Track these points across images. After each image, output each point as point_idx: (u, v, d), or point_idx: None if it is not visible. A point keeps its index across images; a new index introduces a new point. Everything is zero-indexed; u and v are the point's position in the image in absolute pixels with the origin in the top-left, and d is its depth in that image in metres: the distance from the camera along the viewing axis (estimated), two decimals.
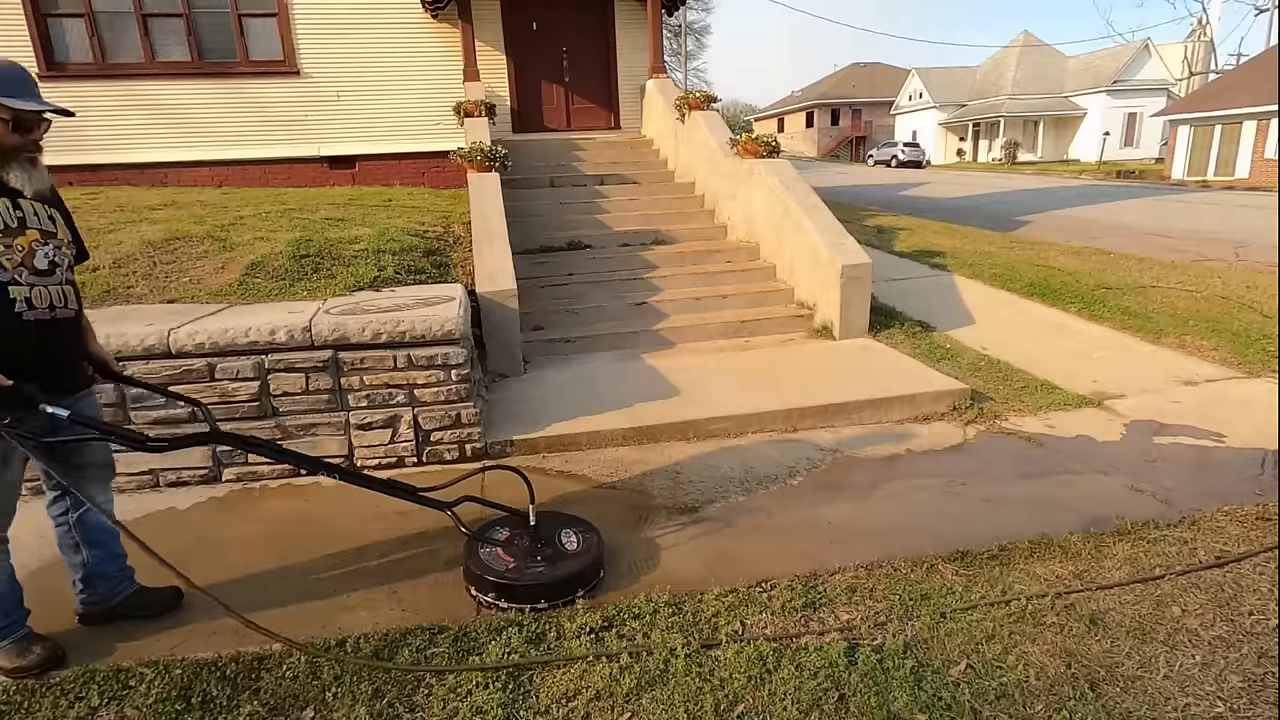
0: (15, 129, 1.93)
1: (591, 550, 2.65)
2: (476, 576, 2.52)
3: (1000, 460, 3.65)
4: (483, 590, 2.50)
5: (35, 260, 2.01)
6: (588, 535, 2.74)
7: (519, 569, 2.51)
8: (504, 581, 2.47)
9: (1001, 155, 36.93)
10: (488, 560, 2.56)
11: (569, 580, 2.51)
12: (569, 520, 2.84)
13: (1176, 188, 22.08)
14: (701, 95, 7.92)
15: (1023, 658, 2.15)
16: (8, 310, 1.95)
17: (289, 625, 2.43)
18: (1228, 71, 30.45)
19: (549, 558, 2.58)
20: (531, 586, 2.46)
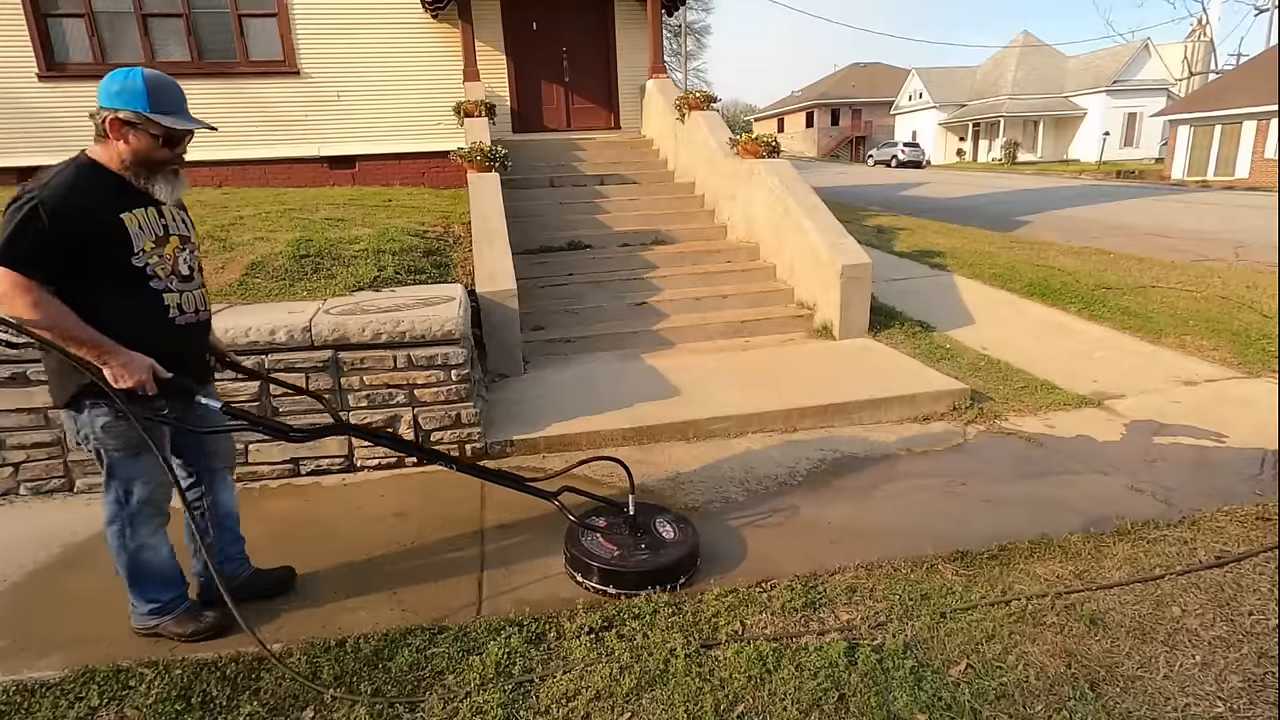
0: (164, 144, 2.00)
1: (689, 539, 2.71)
2: (583, 563, 2.58)
3: (1000, 460, 3.65)
4: (588, 576, 2.57)
5: (179, 267, 2.12)
6: (683, 525, 2.80)
7: (624, 556, 2.58)
8: (610, 568, 2.54)
9: (1001, 155, 36.93)
10: (592, 547, 2.63)
11: (673, 567, 2.58)
12: (660, 510, 2.91)
13: (1176, 188, 22.09)
14: (701, 95, 7.92)
15: (1023, 658, 2.15)
16: (163, 316, 2.07)
17: (289, 625, 2.43)
18: (1228, 71, 30.46)
19: (651, 545, 2.64)
20: (639, 573, 2.53)
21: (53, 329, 1.86)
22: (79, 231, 1.89)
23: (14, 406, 3.35)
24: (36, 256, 1.85)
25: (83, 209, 1.89)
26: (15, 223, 1.83)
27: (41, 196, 1.85)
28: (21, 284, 1.83)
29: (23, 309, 1.84)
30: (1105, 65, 36.59)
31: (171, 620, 2.33)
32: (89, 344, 1.89)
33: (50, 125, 8.24)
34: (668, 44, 29.81)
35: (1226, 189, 20.90)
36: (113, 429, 2.04)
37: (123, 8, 8.15)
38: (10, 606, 2.60)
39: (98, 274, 1.94)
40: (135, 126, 1.96)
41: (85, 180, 1.94)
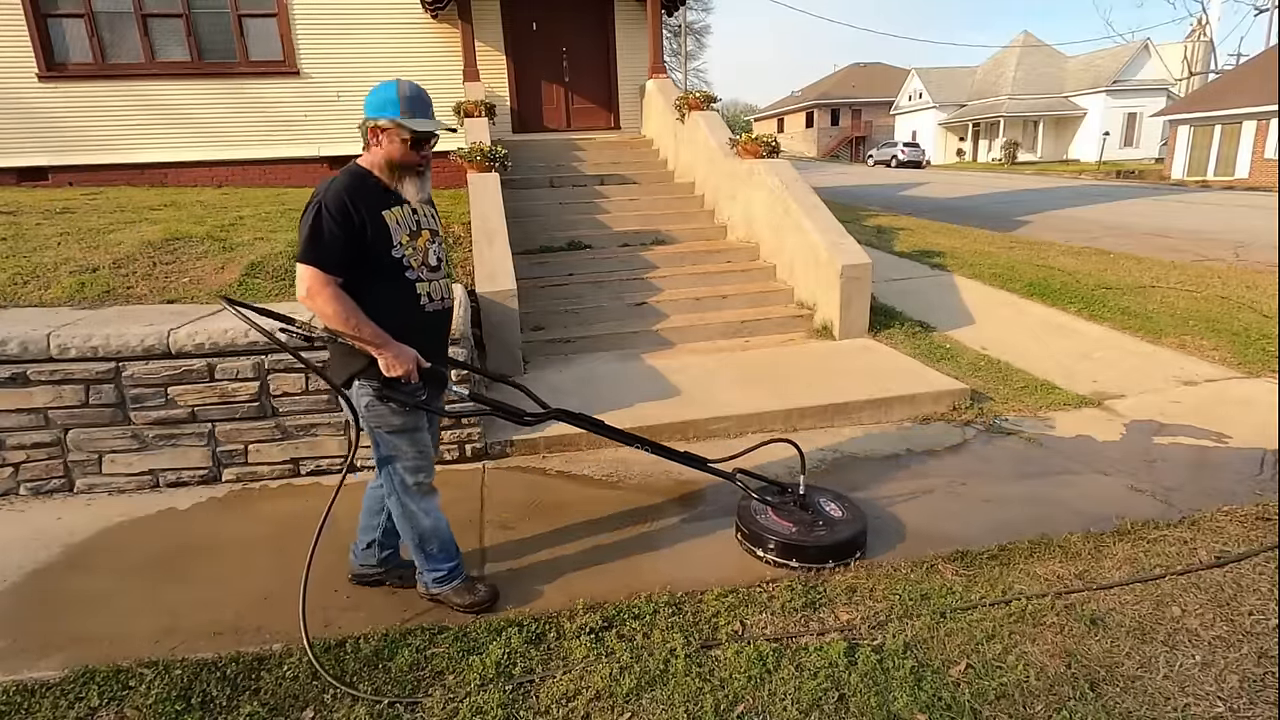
0: (412, 147, 2.19)
1: (860, 517, 2.83)
2: (761, 537, 2.73)
3: (1000, 460, 3.65)
4: (767, 549, 2.72)
5: (428, 258, 2.31)
6: (849, 505, 2.91)
7: (803, 532, 2.72)
8: (793, 543, 2.68)
9: (1001, 155, 36.91)
10: (769, 523, 2.77)
11: (849, 543, 2.72)
12: (821, 490, 3.03)
13: (1176, 188, 22.08)
14: (701, 95, 7.92)
15: (1023, 658, 2.15)
16: (414, 303, 2.27)
17: (289, 626, 2.43)
18: (1228, 71, 30.46)
19: (827, 523, 2.77)
20: (821, 548, 2.67)
21: (346, 321, 2.10)
22: (354, 228, 2.12)
23: (14, 407, 3.35)
24: (329, 254, 2.09)
25: (355, 208, 2.12)
26: (309, 226, 2.09)
27: (325, 200, 2.10)
28: (322, 279, 2.09)
29: (324, 303, 2.09)
30: (1105, 65, 36.58)
31: (452, 589, 2.50)
32: (369, 334, 2.13)
33: (50, 125, 8.25)
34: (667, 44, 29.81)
35: (1226, 189, 20.90)
36: (375, 409, 2.25)
37: (123, 8, 8.15)
38: (10, 607, 2.59)
39: (365, 267, 2.16)
40: (388, 132, 2.16)
41: (354, 183, 2.17)
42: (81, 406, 3.40)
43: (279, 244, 4.90)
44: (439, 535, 2.47)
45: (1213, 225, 12.21)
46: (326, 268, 2.09)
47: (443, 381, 2.34)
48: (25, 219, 5.53)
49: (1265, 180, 21.28)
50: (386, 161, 2.20)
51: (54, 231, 5.12)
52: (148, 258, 4.63)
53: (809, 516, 2.79)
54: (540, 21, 9.18)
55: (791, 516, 2.80)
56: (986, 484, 3.39)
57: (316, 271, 2.09)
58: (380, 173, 2.22)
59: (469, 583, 2.54)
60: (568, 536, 2.98)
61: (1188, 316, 5.89)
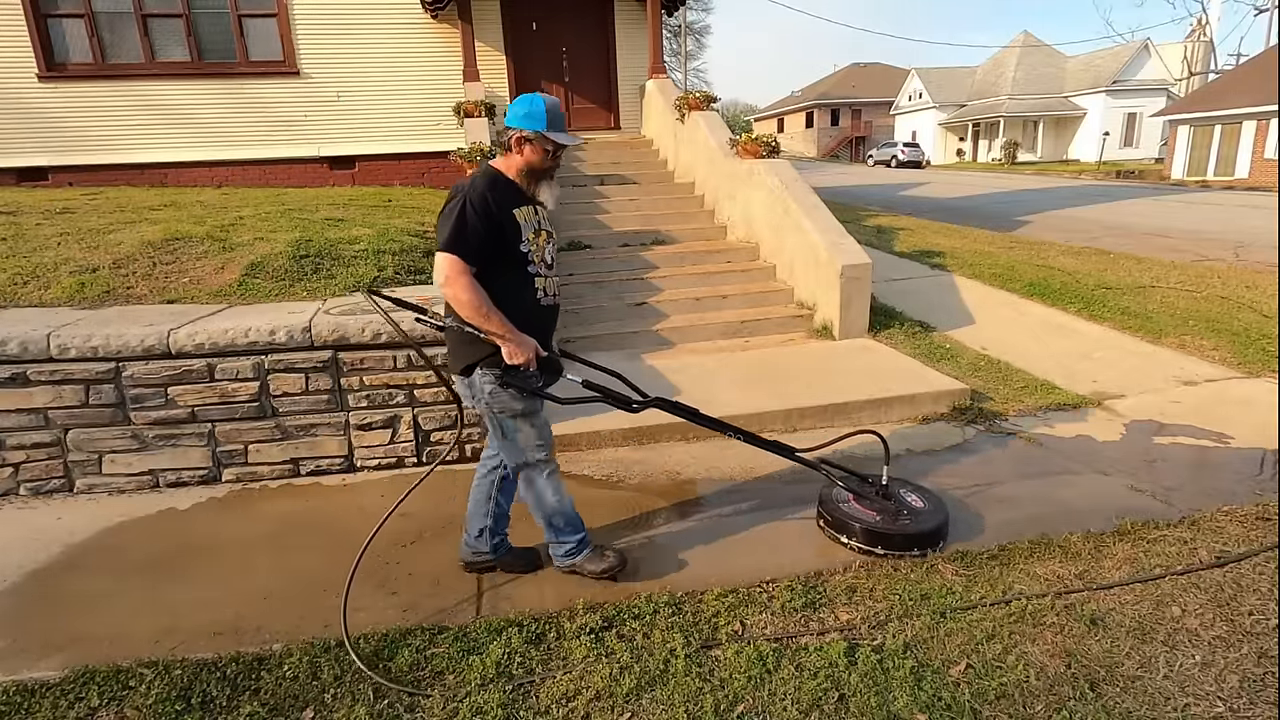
0: (550, 156, 2.39)
1: (941, 508, 2.91)
2: (846, 525, 2.83)
3: (1000, 460, 3.65)
4: (851, 536, 2.81)
5: (546, 255, 2.47)
6: (928, 496, 2.99)
7: (888, 520, 2.80)
8: (878, 530, 2.76)
9: (1001, 155, 36.89)
10: (853, 512, 2.87)
11: (934, 532, 2.80)
12: (901, 483, 3.09)
13: (1176, 188, 22.08)
14: (701, 95, 7.92)
15: (1023, 658, 2.15)
16: (533, 296, 2.42)
17: (289, 626, 2.43)
18: (1227, 71, 30.45)
19: (911, 512, 2.85)
20: (907, 536, 2.75)
21: (478, 309, 2.25)
22: (493, 223, 2.29)
23: (14, 407, 3.36)
24: (469, 245, 2.25)
25: (495, 204, 2.30)
26: (454, 218, 2.24)
27: (468, 196, 2.26)
28: (460, 267, 2.24)
29: (460, 289, 2.24)
30: (1105, 65, 36.56)
31: (584, 558, 2.65)
32: (496, 323, 2.28)
33: (50, 125, 8.25)
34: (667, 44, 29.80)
35: (1226, 189, 20.90)
36: (498, 395, 2.39)
37: (123, 8, 8.14)
38: (10, 607, 2.60)
39: (495, 259, 2.32)
40: (532, 142, 2.35)
41: (493, 183, 2.35)
42: (81, 406, 3.40)
43: (279, 244, 4.90)
44: (564, 511, 2.60)
45: (1213, 225, 12.21)
46: (465, 257, 2.24)
47: (558, 370, 2.48)
48: (25, 219, 5.53)
49: (1265, 180, 21.27)
50: (527, 167, 2.39)
51: (54, 231, 5.12)
52: (148, 258, 4.63)
53: (893, 506, 2.87)
54: (540, 21, 9.18)
55: (875, 506, 2.88)
56: (986, 484, 3.39)
57: (457, 260, 2.23)
58: (516, 176, 2.40)
59: (598, 551, 2.68)
60: None
61: (1188, 316, 5.89)
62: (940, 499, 2.99)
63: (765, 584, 2.57)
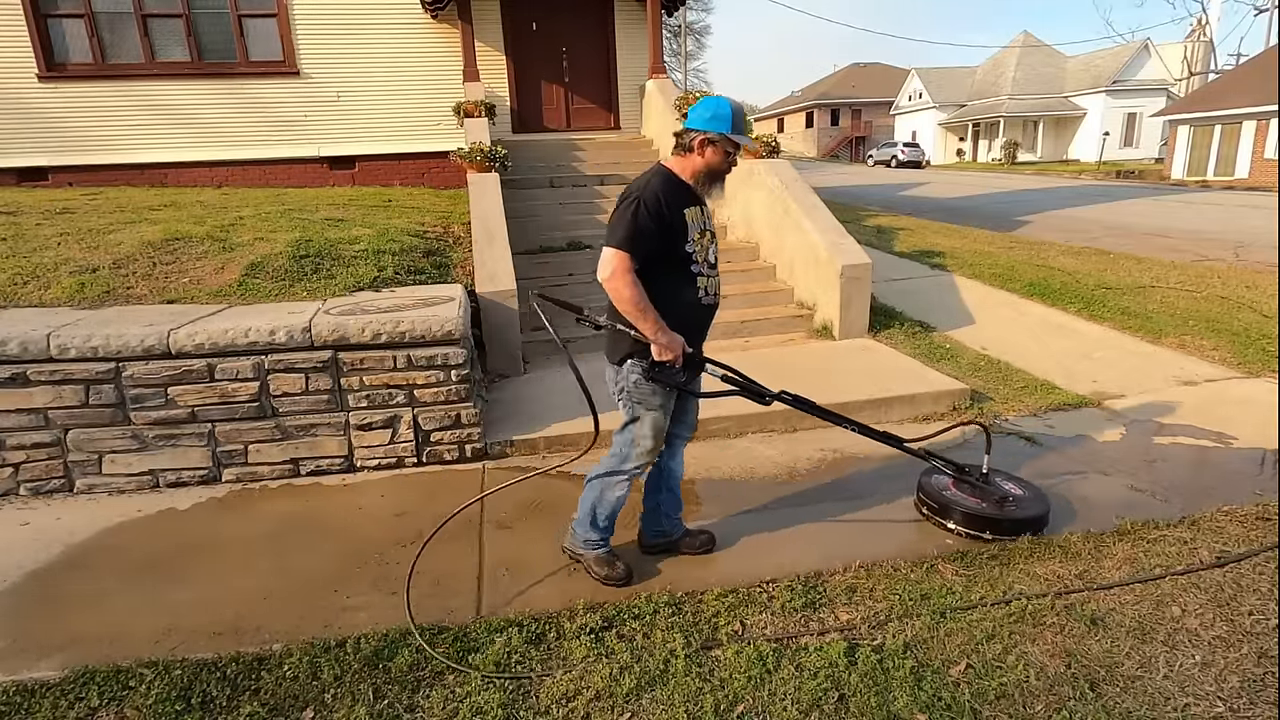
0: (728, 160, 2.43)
1: (1042, 495, 3.01)
2: (951, 511, 2.93)
3: (1000, 460, 3.64)
4: (956, 521, 2.91)
5: (708, 256, 2.51)
6: (1025, 484, 3.09)
7: (996, 508, 2.90)
8: (988, 516, 2.86)
9: (1001, 155, 36.89)
10: (956, 499, 2.96)
11: (1040, 519, 2.89)
12: (997, 472, 3.14)
13: (1176, 188, 22.08)
14: (701, 95, 7.91)
15: (1023, 658, 2.15)
16: (695, 295, 2.47)
17: (289, 626, 2.43)
18: (1227, 71, 30.45)
19: (1015, 500, 2.95)
20: (1016, 521, 2.85)
21: (635, 305, 2.31)
22: (663, 223, 2.34)
23: (14, 407, 3.36)
24: (637, 244, 2.30)
25: (667, 205, 2.35)
26: (629, 217, 2.30)
27: (642, 196, 2.32)
28: (627, 264, 2.29)
29: (624, 285, 2.29)
30: (1105, 65, 36.57)
31: (595, 557, 2.69)
32: (650, 322, 2.34)
33: (50, 125, 8.25)
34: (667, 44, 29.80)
35: (1226, 189, 20.90)
36: (641, 386, 2.47)
37: (123, 8, 8.15)
38: (10, 607, 2.60)
39: (661, 259, 2.37)
40: (715, 144, 2.38)
41: (667, 184, 2.39)
42: (81, 407, 3.40)
43: (279, 244, 4.90)
44: (613, 511, 2.67)
45: (1213, 225, 12.21)
46: (633, 255, 2.30)
47: (701, 366, 2.54)
48: (25, 219, 5.53)
49: (1265, 180, 21.27)
50: (707, 169, 2.42)
51: (54, 232, 5.12)
52: (148, 258, 4.63)
53: (997, 493, 2.96)
54: (540, 21, 9.18)
55: (979, 493, 2.97)
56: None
57: (625, 257, 2.29)
58: (691, 177, 2.44)
59: (610, 556, 2.70)
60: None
61: (1188, 316, 5.89)
62: (1038, 488, 3.09)
63: (765, 584, 2.57)
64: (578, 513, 2.72)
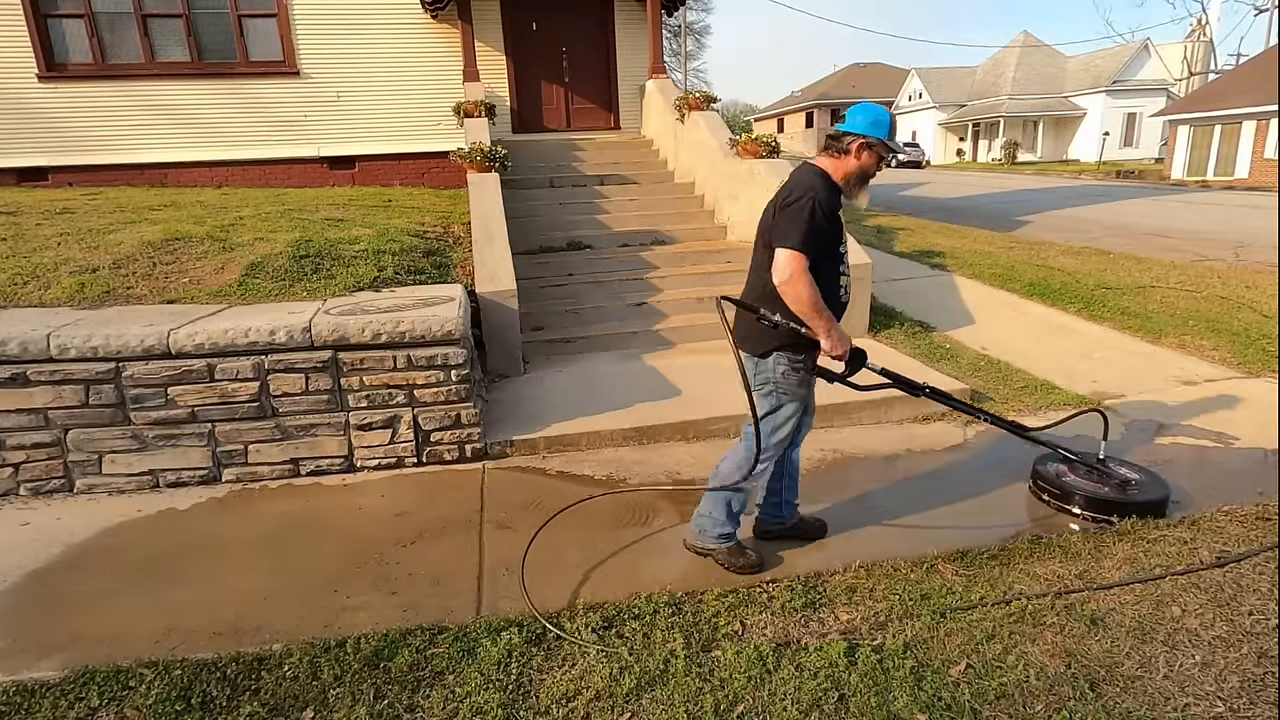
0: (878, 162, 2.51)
1: (1159, 479, 3.12)
2: (1073, 496, 3.03)
3: (1000, 460, 3.65)
4: (1082, 506, 3.00)
5: (847, 257, 2.59)
6: (1139, 469, 3.19)
7: (1119, 491, 3.00)
8: (1114, 500, 2.97)
9: (1001, 155, 36.88)
10: (1077, 484, 3.06)
11: (1162, 501, 3.00)
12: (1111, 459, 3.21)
13: (1176, 188, 22.07)
14: (701, 95, 7.92)
15: (1023, 658, 2.15)
16: (840, 294, 2.54)
17: (289, 626, 2.43)
18: (1227, 71, 30.45)
19: (1136, 485, 3.04)
20: (1141, 503, 2.95)
21: (813, 304, 2.35)
22: (829, 223, 2.40)
23: (14, 407, 3.36)
24: (815, 244, 2.36)
25: (835, 206, 2.44)
26: (805, 217, 2.34)
27: (817, 197, 2.37)
28: (805, 265, 2.34)
29: (804, 286, 2.34)
30: (1105, 65, 36.55)
31: (726, 551, 2.70)
32: (825, 320, 2.39)
33: (50, 125, 8.26)
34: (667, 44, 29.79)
35: (1226, 189, 20.89)
36: (790, 377, 2.54)
37: (123, 8, 8.15)
38: (10, 607, 2.60)
39: (821, 258, 2.41)
40: (873, 148, 2.47)
41: (830, 185, 2.47)
42: (81, 407, 3.40)
43: (279, 244, 4.90)
44: (743, 502, 2.71)
45: (1213, 225, 12.21)
46: (810, 255, 2.34)
47: (863, 361, 2.56)
48: (25, 219, 5.53)
49: (1265, 180, 21.27)
50: (860, 172, 2.50)
51: (54, 232, 5.12)
52: (148, 258, 4.63)
53: (1116, 477, 3.05)
54: (540, 21, 9.18)
55: (1099, 477, 3.06)
56: (986, 484, 3.39)
57: (802, 258, 2.33)
58: (842, 179, 2.50)
59: (740, 547, 2.72)
60: (568, 536, 2.98)
61: (1188, 316, 5.89)
62: (1155, 472, 3.20)
63: (765, 584, 2.57)
64: (704, 509, 2.73)
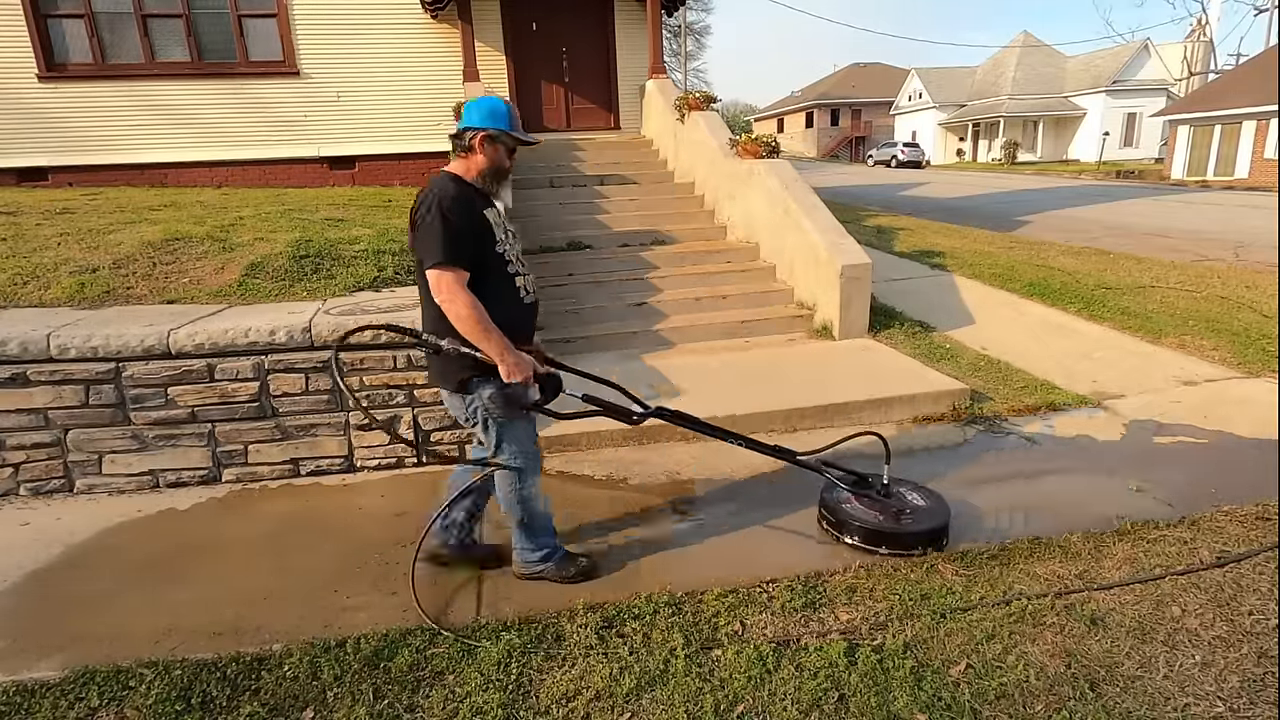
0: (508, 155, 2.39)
1: (944, 507, 2.90)
2: (849, 525, 2.84)
3: (1000, 460, 3.65)
4: (854, 535, 2.82)
5: (519, 253, 2.46)
6: (930, 494, 2.98)
7: (890, 520, 2.80)
8: (885, 530, 2.76)
9: (1001, 155, 36.89)
10: (855, 512, 2.86)
11: (939, 531, 2.80)
12: (901, 482, 3.07)
13: (1176, 188, 22.07)
14: (701, 95, 7.92)
15: (1023, 658, 2.15)
16: (517, 296, 2.40)
17: (289, 626, 2.43)
18: (1227, 71, 30.45)
19: (913, 512, 2.84)
20: (914, 534, 2.75)
21: (478, 323, 2.18)
22: (471, 225, 2.25)
23: (14, 407, 3.36)
24: (462, 252, 2.19)
25: (468, 205, 2.26)
26: (438, 228, 2.15)
27: (441, 202, 2.18)
28: (460, 280, 2.18)
29: (462, 305, 2.17)
30: (1105, 65, 36.56)
31: (554, 565, 2.64)
32: (496, 341, 2.21)
33: (50, 125, 8.26)
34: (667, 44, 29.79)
35: (1226, 189, 20.89)
36: (497, 399, 2.35)
37: (123, 8, 8.15)
38: (10, 607, 2.60)
39: (478, 265, 2.26)
40: (496, 140, 2.33)
41: (459, 186, 2.30)
42: (81, 407, 3.40)
43: (279, 244, 4.90)
44: (546, 516, 2.64)
45: (1213, 225, 12.21)
46: (461, 267, 2.19)
47: (558, 387, 2.47)
48: (25, 219, 5.53)
49: (1265, 180, 21.27)
50: (491, 167, 2.36)
51: (54, 232, 5.12)
52: (148, 258, 4.63)
53: (894, 505, 2.88)
54: (540, 21, 9.18)
55: (876, 505, 2.89)
56: (985, 484, 3.39)
57: (454, 273, 2.17)
58: (477, 178, 2.36)
59: (567, 558, 2.68)
60: (568, 536, 2.98)
61: (1188, 316, 5.89)
62: (942, 498, 2.98)
63: (765, 584, 2.57)
64: (514, 543, 2.65)
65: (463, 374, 2.32)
